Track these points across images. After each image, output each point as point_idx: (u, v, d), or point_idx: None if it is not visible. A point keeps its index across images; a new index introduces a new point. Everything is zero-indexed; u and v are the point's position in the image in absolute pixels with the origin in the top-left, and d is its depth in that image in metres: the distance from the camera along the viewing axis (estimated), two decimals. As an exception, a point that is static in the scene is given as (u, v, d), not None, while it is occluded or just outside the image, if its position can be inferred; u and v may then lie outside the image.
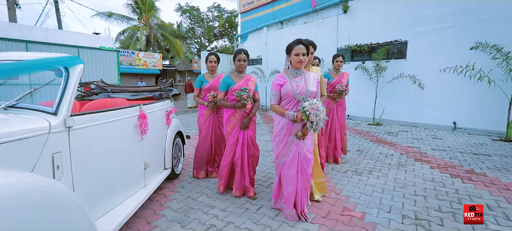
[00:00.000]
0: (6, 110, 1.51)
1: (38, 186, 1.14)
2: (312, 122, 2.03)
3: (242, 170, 2.72)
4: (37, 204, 1.08)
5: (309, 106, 2.01)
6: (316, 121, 2.02)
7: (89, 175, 1.67)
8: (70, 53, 7.63)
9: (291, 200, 2.25)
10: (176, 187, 3.05)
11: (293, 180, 2.23)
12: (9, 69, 1.45)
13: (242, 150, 2.71)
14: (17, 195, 1.02)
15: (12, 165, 1.19)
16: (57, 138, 1.44)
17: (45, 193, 1.14)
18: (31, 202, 1.05)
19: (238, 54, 2.74)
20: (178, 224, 2.25)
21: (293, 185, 2.24)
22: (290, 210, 2.26)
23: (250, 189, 2.73)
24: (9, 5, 7.83)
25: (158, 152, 2.80)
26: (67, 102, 1.52)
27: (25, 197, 1.04)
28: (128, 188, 2.15)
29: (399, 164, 3.90)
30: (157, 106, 2.82)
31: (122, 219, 1.84)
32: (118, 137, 2.03)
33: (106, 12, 19.26)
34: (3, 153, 1.17)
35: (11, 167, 1.18)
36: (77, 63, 1.64)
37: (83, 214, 1.31)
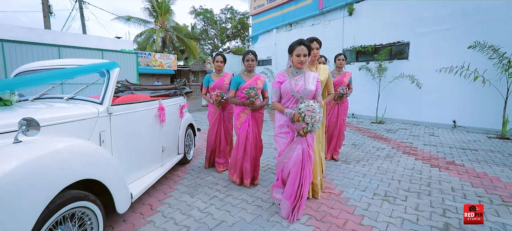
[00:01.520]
0: (68, 101, 2.12)
1: (92, 147, 1.73)
2: (308, 124, 2.05)
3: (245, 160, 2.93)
4: (92, 154, 1.68)
5: (305, 108, 2.04)
6: (311, 123, 2.03)
7: (122, 149, 2.26)
8: (95, 55, 8.47)
9: (291, 193, 2.23)
10: (187, 170, 3.62)
11: (297, 177, 2.21)
12: (71, 72, 2.05)
13: (246, 144, 2.91)
14: (81, 149, 1.61)
15: (77, 135, 1.78)
16: (102, 121, 2.03)
17: (96, 151, 1.74)
18: (88, 153, 1.66)
19: (246, 55, 2.96)
20: (188, 195, 2.80)
21: (297, 182, 2.21)
22: (286, 202, 2.24)
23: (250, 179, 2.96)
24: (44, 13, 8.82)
25: (173, 139, 3.38)
26: (109, 95, 2.11)
27: (85, 150, 1.64)
28: (149, 164, 2.74)
29: (387, 155, 4.29)
30: (173, 101, 3.40)
31: (144, 187, 2.41)
32: (143, 123, 2.61)
33: (125, 16, 20.41)
34: (72, 127, 1.76)
35: (77, 136, 1.77)
36: (115, 67, 2.23)
37: (117, 169, 1.87)
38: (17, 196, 1.16)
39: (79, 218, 1.58)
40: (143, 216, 2.35)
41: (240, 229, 2.13)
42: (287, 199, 2.24)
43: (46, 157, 1.35)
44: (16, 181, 1.17)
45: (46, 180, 1.30)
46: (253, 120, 2.97)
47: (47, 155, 1.36)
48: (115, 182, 1.83)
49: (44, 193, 1.28)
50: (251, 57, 2.96)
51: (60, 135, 1.65)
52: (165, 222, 2.25)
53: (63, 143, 1.54)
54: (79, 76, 2.18)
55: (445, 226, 2.16)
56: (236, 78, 2.96)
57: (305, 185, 2.25)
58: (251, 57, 2.97)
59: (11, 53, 6.73)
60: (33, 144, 1.38)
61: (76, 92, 2.17)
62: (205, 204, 2.58)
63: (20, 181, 1.18)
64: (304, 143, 2.23)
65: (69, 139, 1.64)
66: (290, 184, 2.23)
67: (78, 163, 1.54)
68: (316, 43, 2.67)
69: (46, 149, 1.39)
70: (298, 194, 2.22)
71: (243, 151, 2.94)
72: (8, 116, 1.57)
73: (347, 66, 9.37)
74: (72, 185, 1.48)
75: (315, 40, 2.65)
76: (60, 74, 1.98)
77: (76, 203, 1.50)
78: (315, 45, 2.66)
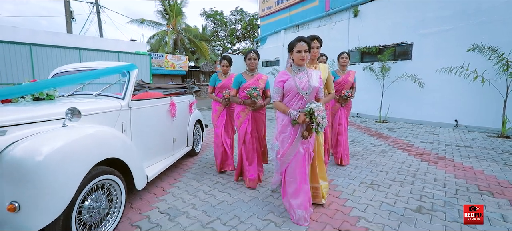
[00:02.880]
0: (96, 97, 2.55)
1: (116, 133, 2.15)
2: (319, 124, 2.05)
3: (246, 160, 2.98)
4: (116, 139, 2.09)
5: (316, 108, 2.05)
6: (322, 123, 2.06)
7: (140, 138, 2.67)
8: (112, 57, 9.08)
9: (305, 200, 2.19)
10: (195, 161, 4.02)
11: (304, 178, 2.20)
12: (99, 73, 2.48)
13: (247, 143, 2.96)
14: (108, 134, 2.03)
15: (105, 124, 2.20)
16: (124, 113, 2.45)
17: (119, 136, 2.15)
18: (114, 137, 2.07)
19: (248, 54, 2.96)
20: (195, 180, 3.20)
21: (305, 183, 2.20)
22: (302, 211, 2.18)
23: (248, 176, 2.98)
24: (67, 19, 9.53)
25: (182, 131, 3.79)
26: (129, 92, 2.53)
27: (111, 135, 2.05)
28: (161, 153, 3.15)
29: (382, 151, 4.55)
30: (183, 99, 3.82)
31: (157, 171, 2.81)
32: (157, 117, 3.02)
33: (139, 19, 21.25)
34: (101, 117, 2.18)
35: (105, 124, 2.19)
36: (134, 68, 2.65)
37: (135, 152, 2.27)
38: (66, 164, 1.57)
39: (107, 189, 1.99)
40: (156, 195, 2.75)
41: (238, 207, 2.49)
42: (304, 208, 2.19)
43: (85, 138, 1.76)
44: (65, 153, 1.58)
45: (85, 155, 1.71)
46: (253, 119, 2.98)
47: (85, 136, 1.77)
48: (134, 162, 2.23)
49: (84, 164, 1.68)
50: (253, 55, 2.97)
51: (93, 123, 2.07)
52: (175, 200, 2.64)
53: (96, 128, 1.96)
54: (105, 77, 2.60)
55: (418, 208, 2.45)
56: (238, 77, 2.98)
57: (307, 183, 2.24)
58: (253, 56, 2.97)
59: (38, 55, 7.39)
60: (75, 128, 1.79)
61: (103, 90, 2.61)
62: (209, 188, 2.97)
63: (68, 154, 1.59)
64: (307, 143, 2.22)
65: (100, 126, 2.06)
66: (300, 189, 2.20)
67: (107, 145, 1.96)
68: (317, 41, 2.61)
69: (84, 132, 1.80)
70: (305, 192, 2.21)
71: (242, 149, 2.99)
72: (55, 107, 2.00)
73: (352, 67, 9.56)
74: (102, 162, 1.89)
75: (315, 39, 2.60)
76: (90, 75, 2.41)
77: (105, 176, 1.90)
78: (316, 43, 2.60)
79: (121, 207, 2.11)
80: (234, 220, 2.25)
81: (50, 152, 1.49)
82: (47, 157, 1.47)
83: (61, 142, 1.59)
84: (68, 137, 1.66)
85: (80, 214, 1.75)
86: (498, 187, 2.93)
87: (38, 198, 1.42)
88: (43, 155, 1.46)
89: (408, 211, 2.40)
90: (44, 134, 1.63)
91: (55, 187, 1.48)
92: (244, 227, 2.14)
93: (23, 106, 2.01)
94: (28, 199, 1.40)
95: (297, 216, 2.18)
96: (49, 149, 1.50)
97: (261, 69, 15.18)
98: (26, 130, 1.65)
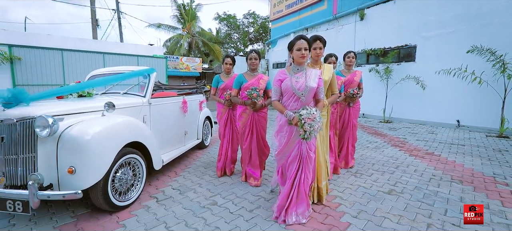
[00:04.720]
0: (123, 95, 3.16)
1: (139, 123, 2.73)
2: (305, 131, 2.02)
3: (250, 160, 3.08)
4: (139, 127, 2.66)
5: (306, 115, 2.01)
6: (309, 131, 2.01)
7: (157, 128, 3.24)
8: (131, 60, 9.90)
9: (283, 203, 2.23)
10: (204, 152, 4.58)
11: (291, 178, 2.22)
12: (126, 75, 3.08)
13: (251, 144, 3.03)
14: (134, 123, 2.60)
15: (131, 115, 2.78)
16: (145, 108, 3.03)
17: (142, 126, 2.73)
18: (138, 126, 2.64)
19: (249, 54, 3.00)
20: (203, 167, 3.74)
21: (289, 183, 2.23)
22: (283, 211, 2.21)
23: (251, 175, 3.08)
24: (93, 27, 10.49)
25: (193, 126, 4.36)
26: (149, 91, 3.11)
27: (136, 124, 2.63)
28: (175, 143, 3.72)
29: (375, 147, 4.90)
30: (194, 98, 4.39)
31: (171, 157, 3.38)
32: (172, 113, 3.60)
33: (156, 23, 22.40)
34: (128, 110, 2.77)
35: (131, 116, 2.77)
36: (153, 72, 3.24)
37: (154, 139, 2.83)
38: (105, 142, 2.15)
39: (132, 166, 2.56)
40: (170, 177, 3.32)
41: (236, 186, 3.01)
42: (280, 198, 2.27)
43: (118, 124, 2.34)
44: (105, 134, 2.16)
45: (118, 136, 2.29)
46: (255, 120, 3.01)
47: (118, 123, 2.36)
48: (153, 147, 2.80)
49: (117, 143, 2.26)
50: (254, 55, 2.99)
51: (122, 114, 2.65)
52: (185, 181, 3.20)
53: (125, 118, 2.53)
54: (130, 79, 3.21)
55: (389, 191, 2.85)
56: (239, 78, 3.02)
57: (301, 186, 2.22)
58: (254, 56, 2.99)
59: (68, 59, 8.28)
60: (111, 117, 2.38)
61: (128, 90, 3.22)
62: (214, 173, 3.50)
63: (106, 135, 2.17)
64: (304, 143, 2.19)
65: (127, 117, 2.64)
66: (287, 182, 2.26)
67: (133, 131, 2.53)
68: (320, 42, 2.53)
69: (117, 120, 2.38)
70: (292, 193, 2.21)
71: (246, 149, 3.06)
72: (95, 102, 2.61)
73: (358, 68, 9.83)
74: (129, 145, 2.46)
75: (318, 39, 2.53)
76: (120, 77, 3.02)
77: (131, 155, 2.47)
78: (319, 44, 2.52)
79: (142, 181, 2.68)
80: (231, 195, 2.77)
81: (95, 133, 2.08)
82: (93, 136, 2.05)
83: (102, 126, 2.18)
84: (106, 123, 2.24)
85: (113, 182, 2.32)
86: (470, 177, 3.26)
87: (87, 164, 2.00)
88: (90, 134, 2.05)
89: (380, 193, 2.81)
90: (89, 120, 2.22)
91: (99, 157, 2.07)
92: (239, 200, 2.65)
93: (72, 101, 2.62)
94: (81, 164, 1.98)
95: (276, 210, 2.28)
96: (94, 131, 2.09)
97: (272, 71, 15.66)
98: (76, 118, 2.25)
